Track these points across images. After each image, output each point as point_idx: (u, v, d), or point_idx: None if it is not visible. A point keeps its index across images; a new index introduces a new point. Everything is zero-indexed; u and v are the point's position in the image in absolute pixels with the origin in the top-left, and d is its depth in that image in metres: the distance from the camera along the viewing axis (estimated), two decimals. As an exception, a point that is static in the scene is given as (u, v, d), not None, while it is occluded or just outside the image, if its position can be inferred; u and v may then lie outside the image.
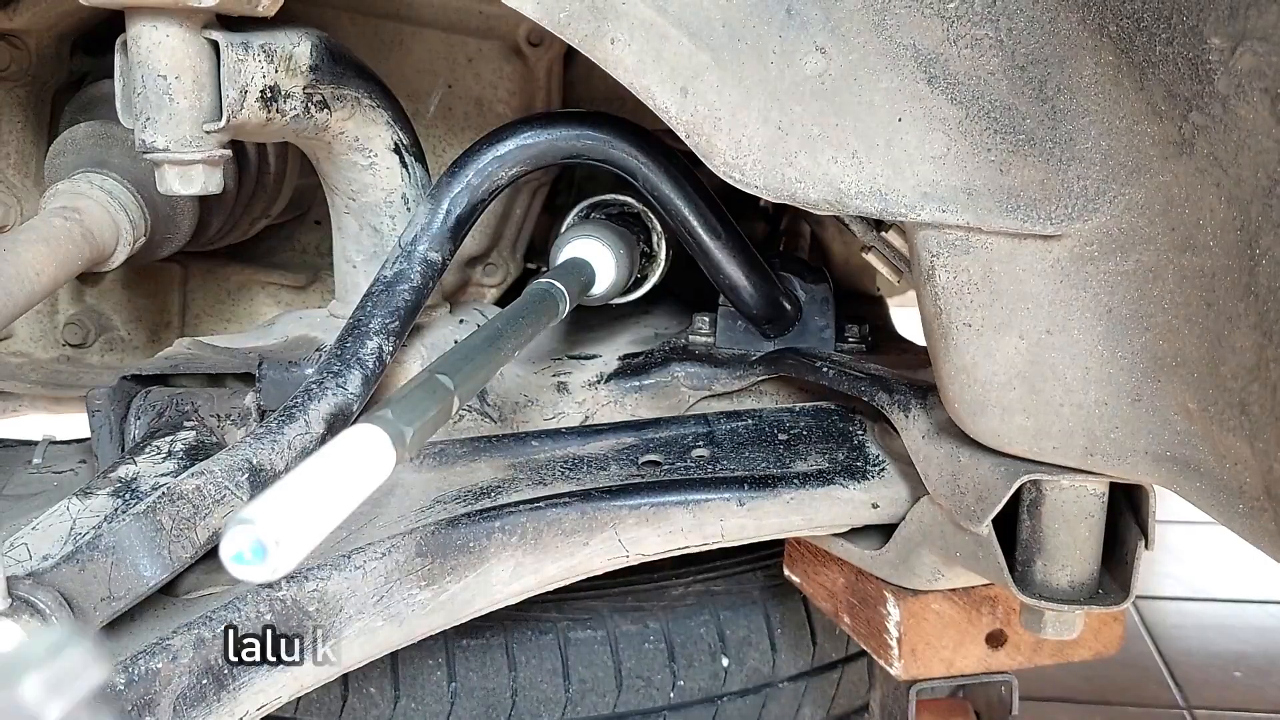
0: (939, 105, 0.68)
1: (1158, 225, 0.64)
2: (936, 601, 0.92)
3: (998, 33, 0.66)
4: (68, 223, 0.90)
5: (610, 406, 1.06)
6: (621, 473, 0.92)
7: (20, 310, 0.83)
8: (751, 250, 1.00)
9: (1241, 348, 0.60)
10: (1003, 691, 0.98)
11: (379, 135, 0.93)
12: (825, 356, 1.02)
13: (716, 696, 1.25)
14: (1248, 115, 0.55)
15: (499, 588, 0.85)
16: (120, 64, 0.80)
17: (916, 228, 0.72)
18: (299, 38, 0.84)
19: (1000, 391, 0.73)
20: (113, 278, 1.29)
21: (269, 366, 0.89)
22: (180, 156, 0.79)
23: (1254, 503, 0.64)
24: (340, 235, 1.00)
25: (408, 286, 0.88)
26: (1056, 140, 0.66)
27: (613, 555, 0.87)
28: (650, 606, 1.26)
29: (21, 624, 0.60)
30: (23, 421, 1.38)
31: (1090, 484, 0.76)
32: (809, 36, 0.69)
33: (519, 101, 1.19)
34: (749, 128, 0.70)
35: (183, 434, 0.84)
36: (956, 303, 0.72)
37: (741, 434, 0.97)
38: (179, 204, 1.03)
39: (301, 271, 1.33)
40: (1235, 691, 2.13)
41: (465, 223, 0.93)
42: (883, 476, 0.91)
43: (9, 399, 1.30)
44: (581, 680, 1.22)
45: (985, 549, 0.78)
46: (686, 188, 0.95)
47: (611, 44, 0.71)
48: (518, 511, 0.85)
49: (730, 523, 0.88)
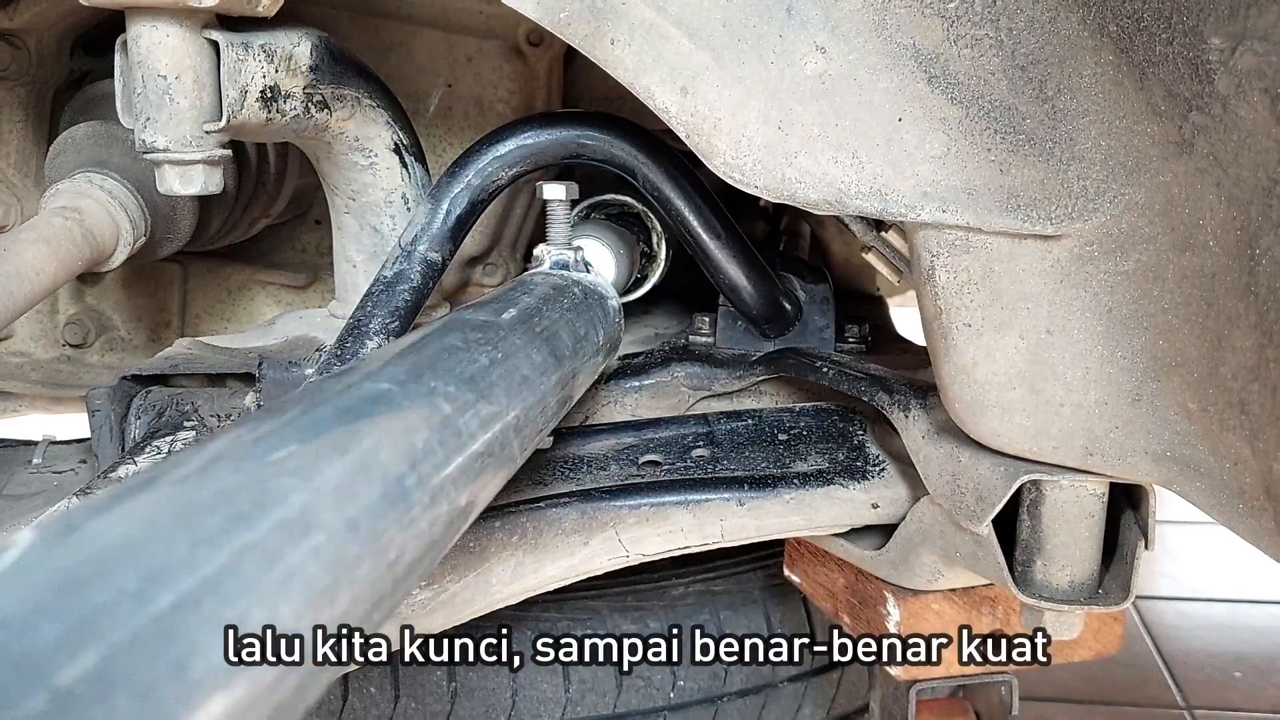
0: (939, 105, 0.68)
1: (1158, 225, 0.64)
2: (936, 601, 0.92)
3: (998, 33, 0.66)
4: (68, 223, 0.90)
5: (610, 406, 1.06)
6: (621, 473, 0.92)
7: (21, 310, 0.83)
8: (751, 250, 1.00)
9: (1241, 348, 0.60)
10: (1003, 691, 0.98)
11: (379, 135, 0.93)
12: (825, 356, 1.02)
13: (716, 697, 1.25)
14: (1248, 115, 0.55)
15: (499, 588, 0.85)
16: (120, 64, 0.80)
17: (916, 228, 0.72)
18: (299, 38, 0.84)
19: (1000, 391, 0.73)
20: (113, 278, 1.29)
21: (269, 366, 0.89)
22: (180, 156, 0.79)
23: (1254, 503, 0.64)
24: (340, 235, 1.00)
25: (408, 286, 0.88)
26: (1056, 140, 0.66)
27: (613, 555, 0.87)
28: (650, 606, 1.26)
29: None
30: (23, 421, 1.38)
31: (1090, 484, 0.76)
32: (809, 36, 0.69)
33: (519, 101, 1.19)
34: (749, 128, 0.70)
35: (183, 434, 0.85)
36: (956, 303, 0.72)
37: (741, 434, 0.97)
38: (179, 204, 1.03)
39: (301, 271, 1.33)
40: (1235, 691, 2.13)
41: (465, 223, 0.93)
42: (883, 476, 0.91)
43: (9, 399, 1.30)
44: (581, 680, 1.22)
45: (985, 549, 0.78)
46: (686, 188, 0.95)
47: (611, 44, 0.71)
48: (518, 511, 0.85)
49: (730, 523, 0.88)
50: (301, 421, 0.41)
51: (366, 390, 0.47)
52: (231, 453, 0.37)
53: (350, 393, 0.46)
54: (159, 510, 0.31)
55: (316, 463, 0.38)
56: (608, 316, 0.84)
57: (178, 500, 0.32)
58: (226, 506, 0.33)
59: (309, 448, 0.39)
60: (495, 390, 0.55)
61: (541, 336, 0.67)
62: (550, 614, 1.23)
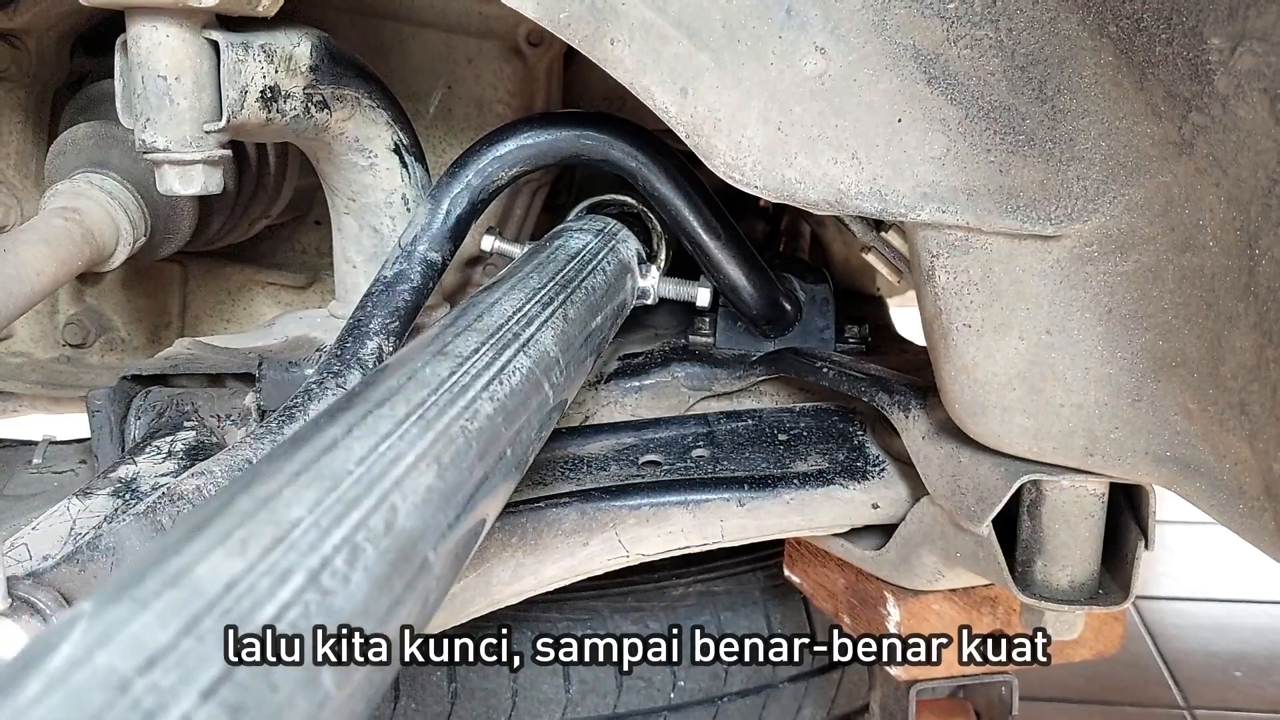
0: (939, 105, 0.68)
1: (1157, 225, 0.64)
2: (936, 602, 0.92)
3: (998, 33, 0.65)
4: (68, 223, 0.90)
5: (610, 406, 1.06)
6: (621, 473, 0.92)
7: (20, 310, 0.83)
8: (751, 250, 1.00)
9: (1241, 348, 0.60)
10: (1003, 691, 0.98)
11: (379, 135, 0.93)
12: (825, 356, 1.02)
13: (717, 697, 1.25)
14: (1247, 115, 0.55)
15: (499, 588, 0.85)
16: (120, 64, 0.80)
17: (916, 228, 0.72)
18: (299, 38, 0.84)
19: (1000, 392, 0.73)
20: (113, 278, 1.29)
21: (269, 366, 0.89)
22: (180, 156, 0.79)
23: (1254, 503, 0.64)
24: (340, 236, 1.00)
25: (408, 287, 0.88)
26: (1056, 140, 0.66)
27: (613, 555, 0.87)
28: (650, 607, 1.26)
29: (21, 624, 0.60)
30: (23, 421, 1.38)
31: (1090, 484, 0.76)
32: (809, 37, 0.69)
33: (519, 101, 1.19)
34: (749, 128, 0.70)
35: (183, 434, 0.84)
36: (956, 303, 0.72)
37: (741, 434, 0.97)
38: (179, 204, 1.03)
39: (301, 271, 1.33)
40: (1235, 691, 2.13)
41: (465, 223, 0.93)
42: (883, 476, 0.91)
43: (9, 399, 1.30)
44: (582, 681, 1.22)
45: (985, 549, 0.78)
46: (686, 188, 0.95)
47: (611, 44, 0.71)
48: (518, 511, 0.85)
49: (730, 523, 0.88)
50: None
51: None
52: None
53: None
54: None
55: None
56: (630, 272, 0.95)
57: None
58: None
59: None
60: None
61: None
62: (550, 614, 1.24)
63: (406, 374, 0.50)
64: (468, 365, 0.54)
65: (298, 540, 0.33)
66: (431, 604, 0.41)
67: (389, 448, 0.42)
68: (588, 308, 0.73)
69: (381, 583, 0.36)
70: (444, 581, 0.42)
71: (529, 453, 0.59)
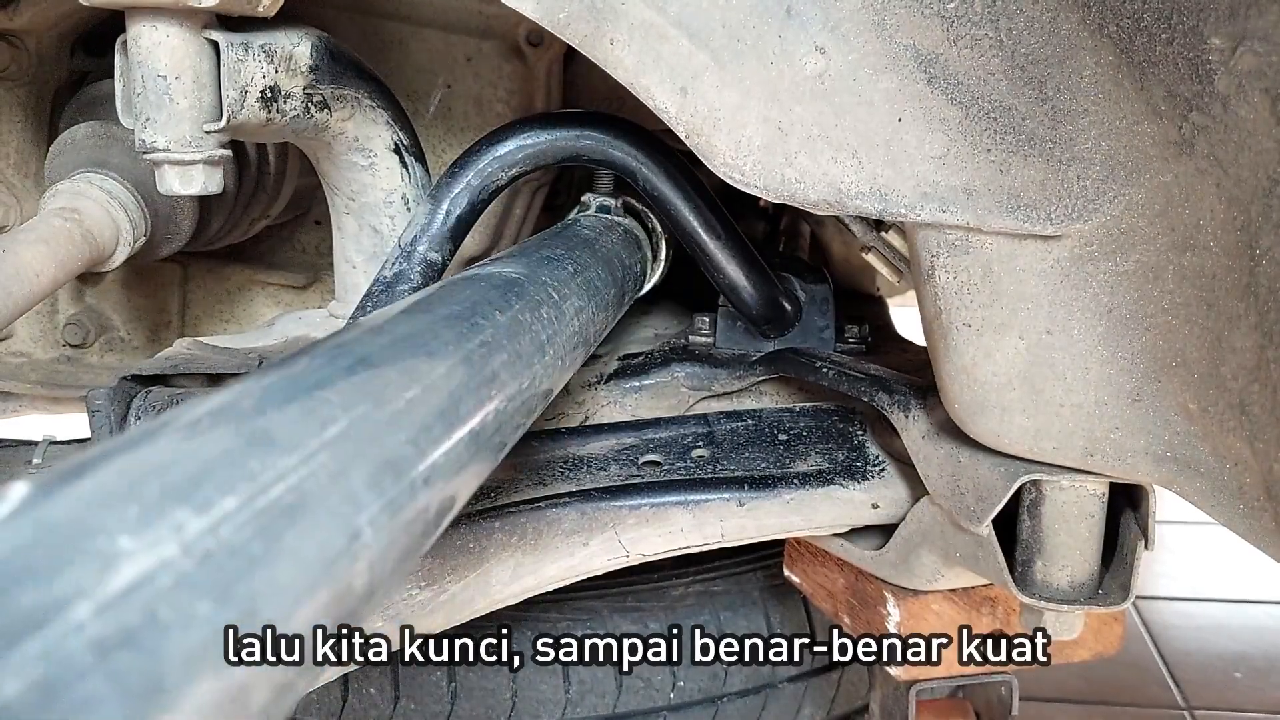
0: (939, 105, 0.68)
1: (1158, 225, 0.64)
2: (936, 602, 0.92)
3: (998, 33, 0.66)
4: (68, 223, 0.90)
5: (610, 407, 1.06)
6: (621, 473, 0.92)
7: (20, 310, 0.83)
8: (751, 250, 1.00)
9: (1241, 348, 0.60)
10: (1003, 692, 0.98)
11: (379, 135, 0.93)
12: (825, 356, 1.02)
13: (716, 697, 1.25)
14: (1248, 115, 0.55)
15: (499, 588, 0.85)
16: (120, 64, 0.80)
17: (916, 228, 0.72)
18: (299, 38, 0.84)
19: (1000, 392, 0.73)
20: (113, 278, 1.29)
21: (269, 366, 0.89)
22: (180, 156, 0.79)
23: (1254, 503, 0.64)
24: (340, 235, 1.00)
25: (407, 287, 0.88)
26: (1056, 140, 0.66)
27: (613, 555, 0.87)
28: (650, 607, 1.26)
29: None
30: (23, 421, 1.38)
31: (1090, 484, 0.76)
32: (809, 36, 0.69)
33: (519, 101, 1.19)
34: (749, 128, 0.70)
35: (182, 434, 0.84)
36: (956, 303, 0.72)
37: (741, 434, 0.97)
38: (179, 204, 1.03)
39: (301, 272, 1.33)
40: (1235, 691, 2.13)
41: (465, 223, 0.93)
42: (883, 476, 0.91)
43: (9, 399, 1.30)
44: (581, 680, 1.22)
45: (985, 549, 0.78)
46: (686, 188, 0.95)
47: (611, 44, 0.71)
48: (518, 511, 0.85)
49: (730, 523, 0.88)
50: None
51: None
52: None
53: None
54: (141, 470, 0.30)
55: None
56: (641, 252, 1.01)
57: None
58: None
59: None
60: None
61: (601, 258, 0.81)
62: (550, 614, 1.23)
63: (363, 329, 0.49)
64: (442, 328, 0.52)
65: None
66: (367, 582, 0.37)
67: (321, 406, 0.39)
68: (579, 294, 0.73)
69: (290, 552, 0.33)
70: (385, 557, 0.39)
71: (508, 435, 0.57)
